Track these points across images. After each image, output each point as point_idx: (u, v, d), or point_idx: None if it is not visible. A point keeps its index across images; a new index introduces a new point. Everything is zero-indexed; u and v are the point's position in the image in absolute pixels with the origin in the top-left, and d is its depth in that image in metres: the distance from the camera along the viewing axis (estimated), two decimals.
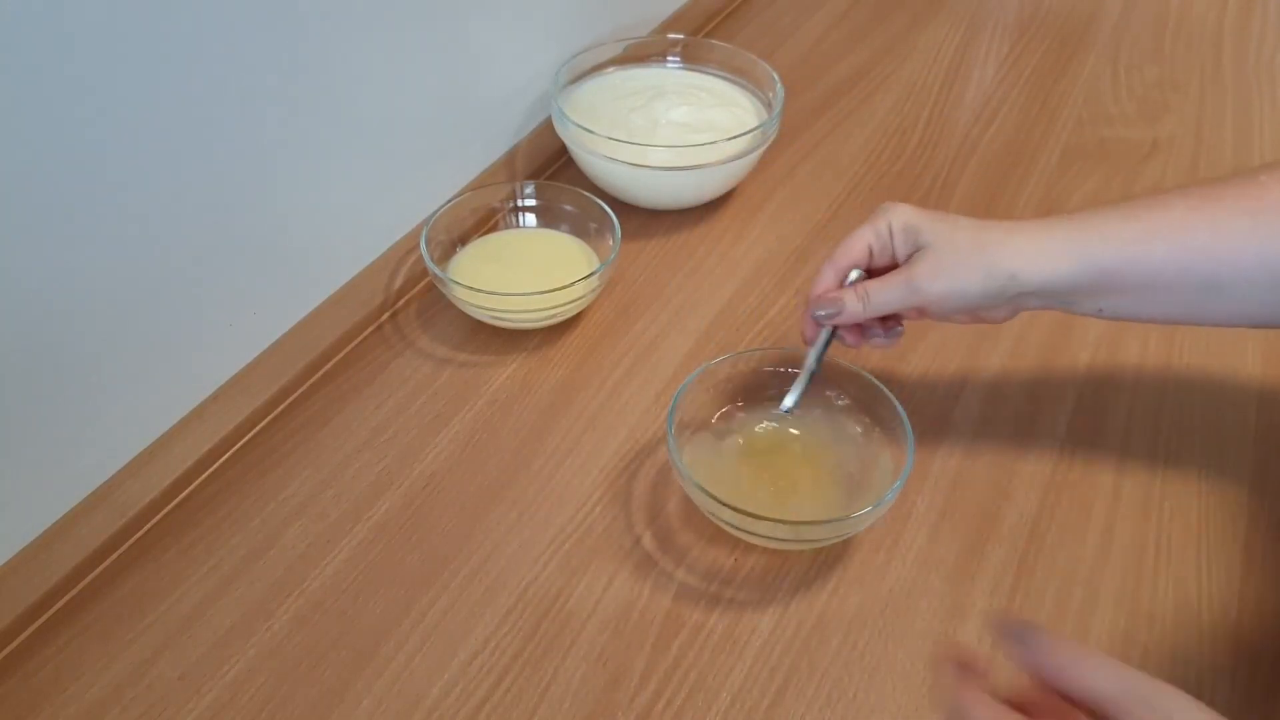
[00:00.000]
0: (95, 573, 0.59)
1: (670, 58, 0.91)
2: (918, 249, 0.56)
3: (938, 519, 0.62)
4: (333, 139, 0.66)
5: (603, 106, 0.85)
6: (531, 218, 0.79)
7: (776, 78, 0.85)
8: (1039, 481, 0.64)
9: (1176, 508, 0.63)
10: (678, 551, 0.60)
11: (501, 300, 0.69)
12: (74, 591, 0.58)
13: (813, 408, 0.63)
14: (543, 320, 0.71)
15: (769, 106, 0.85)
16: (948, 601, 0.57)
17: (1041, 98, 0.99)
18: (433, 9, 0.70)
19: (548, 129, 0.86)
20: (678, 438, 0.60)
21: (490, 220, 0.78)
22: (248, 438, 0.66)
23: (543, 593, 0.58)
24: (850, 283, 0.59)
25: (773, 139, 0.82)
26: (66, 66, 0.48)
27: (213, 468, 0.64)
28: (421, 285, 0.78)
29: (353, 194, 0.70)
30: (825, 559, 0.59)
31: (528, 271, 0.73)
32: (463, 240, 0.76)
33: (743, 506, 0.55)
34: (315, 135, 0.64)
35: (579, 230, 0.77)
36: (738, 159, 0.80)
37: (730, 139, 0.79)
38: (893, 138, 0.93)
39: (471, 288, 0.69)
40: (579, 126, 0.79)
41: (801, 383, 0.62)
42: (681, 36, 0.92)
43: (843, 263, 0.59)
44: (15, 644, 0.55)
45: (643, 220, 0.83)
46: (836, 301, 0.58)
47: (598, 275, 0.71)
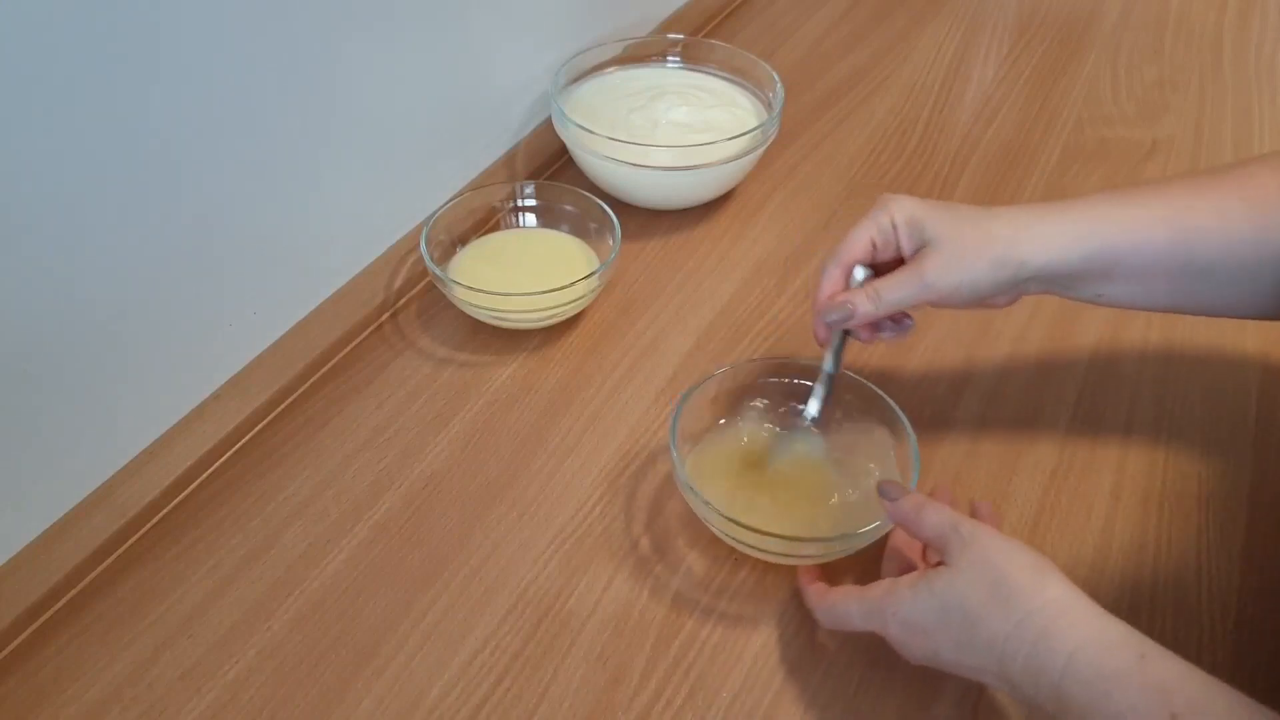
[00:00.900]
0: (95, 573, 0.59)
1: (670, 58, 0.91)
2: (924, 243, 0.56)
3: None
4: (333, 139, 0.66)
5: (603, 106, 0.85)
6: (531, 218, 0.79)
7: (776, 78, 0.85)
8: (1039, 480, 0.64)
9: (1177, 506, 0.63)
10: (678, 551, 0.60)
11: (501, 300, 0.69)
12: (74, 591, 0.58)
13: (809, 400, 0.62)
14: (543, 320, 0.71)
15: (769, 106, 0.85)
16: None
17: (1041, 98, 0.99)
18: (433, 9, 0.70)
19: (548, 129, 0.86)
20: (680, 449, 0.58)
21: (490, 220, 0.78)
22: (248, 438, 0.66)
23: (543, 593, 0.58)
24: (857, 281, 0.58)
25: (773, 139, 0.82)
26: (66, 66, 0.48)
27: (213, 468, 0.64)
28: (421, 285, 0.78)
29: (353, 194, 0.70)
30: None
31: (528, 271, 0.73)
32: (463, 240, 0.76)
33: (759, 526, 0.54)
34: (315, 135, 0.64)
35: (579, 230, 0.77)
36: (738, 159, 0.80)
37: (730, 139, 0.79)
38: (893, 138, 0.93)
39: (471, 288, 0.69)
40: (579, 126, 0.79)
41: (821, 389, 0.61)
42: (681, 36, 0.92)
43: (846, 260, 0.58)
44: (15, 644, 0.55)
45: (643, 220, 0.83)
46: (847, 305, 0.57)
47: (598, 275, 0.71)
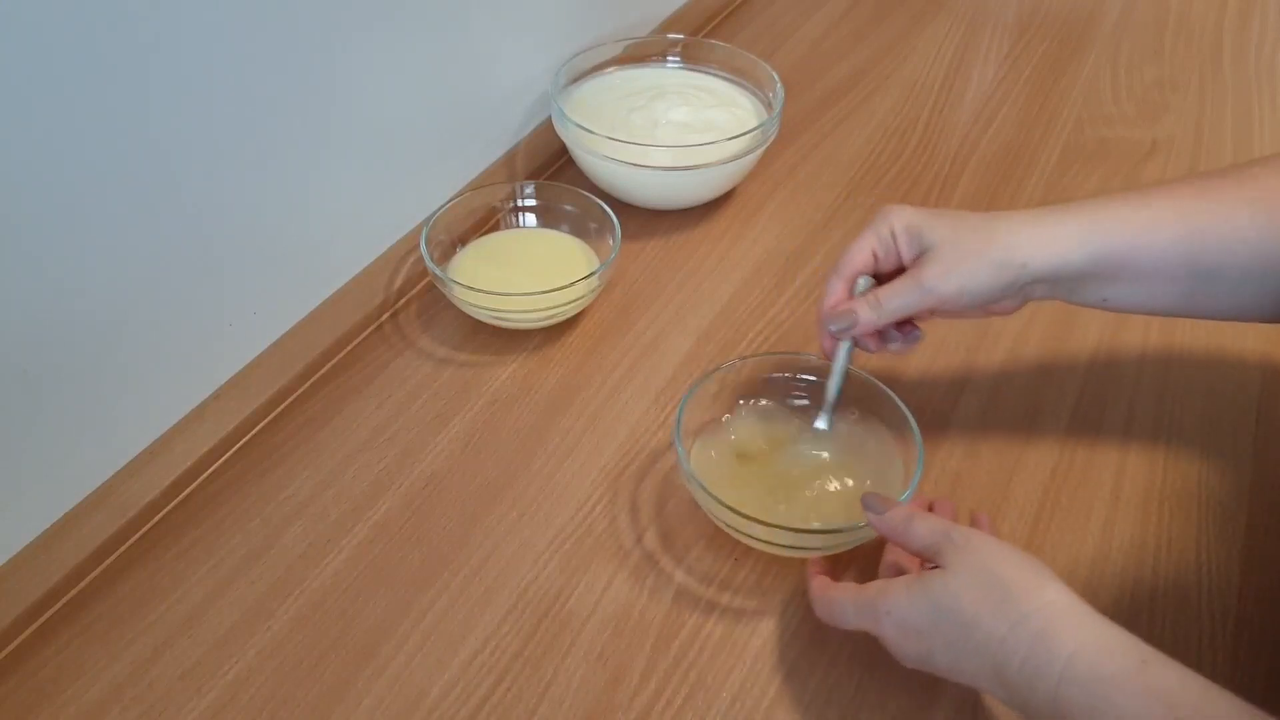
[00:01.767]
0: (95, 573, 0.59)
1: (670, 58, 0.91)
2: (924, 250, 0.56)
3: None
4: (333, 139, 0.66)
5: (603, 107, 0.85)
6: (531, 218, 0.79)
7: (776, 78, 0.85)
8: (1039, 480, 0.64)
9: (1177, 506, 0.63)
10: (678, 551, 0.60)
11: (501, 300, 0.69)
12: (74, 591, 0.58)
13: (819, 414, 0.63)
14: (543, 320, 0.71)
15: (769, 106, 0.85)
16: None
17: (1041, 98, 0.99)
18: (433, 9, 0.70)
19: (548, 129, 0.86)
20: (684, 444, 0.59)
21: (490, 220, 0.78)
22: (248, 438, 0.66)
23: (543, 593, 0.58)
24: (860, 292, 0.58)
25: (773, 139, 0.82)
26: (66, 66, 0.48)
27: (213, 468, 0.64)
28: (421, 285, 0.78)
29: (353, 194, 0.70)
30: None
31: (528, 271, 0.73)
32: (463, 240, 0.76)
33: (762, 518, 0.54)
34: (316, 135, 0.64)
35: (579, 230, 0.77)
36: (738, 159, 0.80)
37: (730, 139, 0.79)
38: (893, 138, 0.93)
39: (471, 288, 0.69)
40: (579, 126, 0.79)
41: (831, 400, 0.61)
42: (681, 36, 0.92)
43: (848, 271, 0.58)
44: (15, 644, 0.55)
45: (643, 220, 0.83)
46: (850, 314, 0.57)
47: (598, 275, 0.71)
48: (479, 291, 0.69)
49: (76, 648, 0.55)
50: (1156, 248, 0.53)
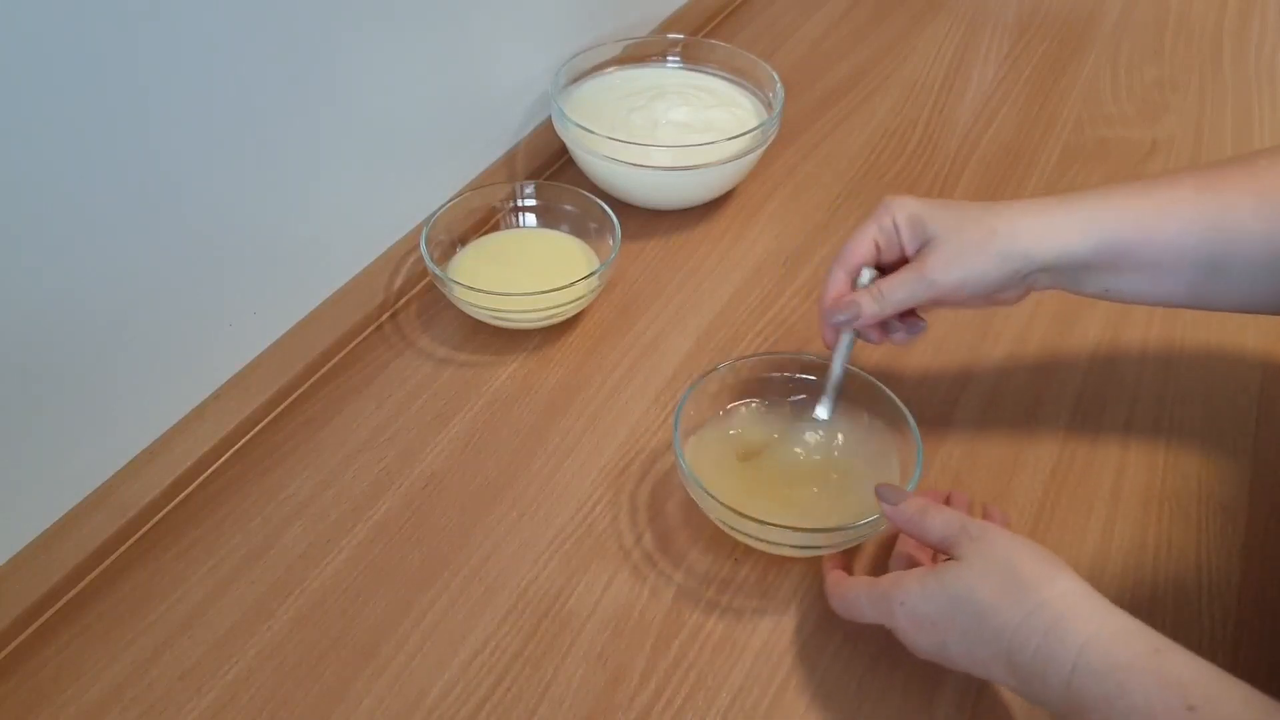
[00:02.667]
0: (95, 573, 0.59)
1: (670, 58, 0.91)
2: (926, 241, 0.56)
3: None
4: (333, 139, 0.66)
5: (603, 107, 0.85)
6: (531, 218, 0.79)
7: (776, 78, 0.85)
8: (1039, 479, 0.64)
9: (1177, 506, 0.62)
10: (678, 551, 0.60)
11: (501, 300, 0.69)
12: (74, 591, 0.58)
13: (820, 401, 0.63)
14: (543, 320, 0.71)
15: (769, 106, 0.85)
16: None
17: (1041, 98, 0.99)
18: (433, 9, 0.70)
19: (548, 129, 0.86)
20: (684, 443, 0.59)
21: (490, 220, 0.78)
22: (248, 438, 0.66)
23: (543, 593, 0.58)
24: (864, 283, 0.58)
25: (773, 139, 0.82)
26: (66, 66, 0.48)
27: (213, 468, 0.64)
28: (421, 285, 0.78)
29: (353, 194, 0.70)
30: None
31: (528, 271, 0.73)
32: (463, 240, 0.76)
33: (761, 517, 0.54)
34: (315, 135, 0.64)
35: (579, 230, 0.77)
36: (738, 159, 0.80)
37: (730, 139, 0.79)
38: (893, 138, 0.93)
39: (471, 288, 0.69)
40: (579, 126, 0.79)
41: (831, 390, 0.61)
42: (681, 36, 0.92)
43: (851, 262, 0.58)
44: (15, 644, 0.55)
45: (643, 220, 0.83)
46: (853, 305, 0.57)
47: (598, 275, 0.71)
48: (479, 291, 0.69)
49: (76, 648, 0.55)
50: (1161, 238, 0.53)
